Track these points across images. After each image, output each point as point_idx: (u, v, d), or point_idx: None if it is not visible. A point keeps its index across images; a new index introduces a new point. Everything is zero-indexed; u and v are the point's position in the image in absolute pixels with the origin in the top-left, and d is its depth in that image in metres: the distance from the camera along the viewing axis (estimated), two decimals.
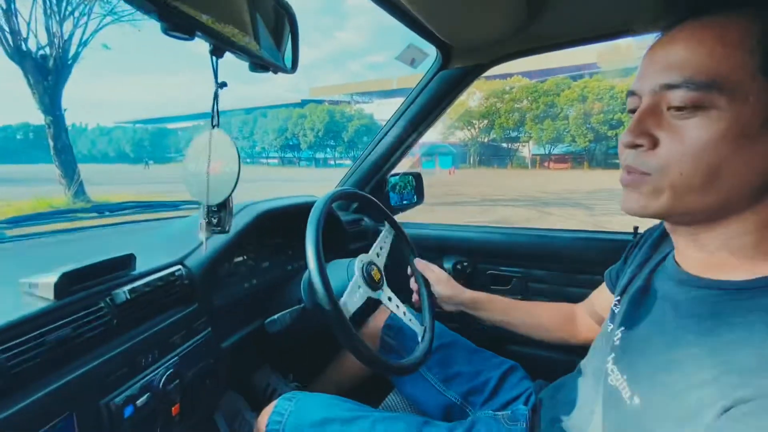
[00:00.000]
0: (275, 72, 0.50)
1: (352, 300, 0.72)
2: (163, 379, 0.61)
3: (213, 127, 0.47)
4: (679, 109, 0.39)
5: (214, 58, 0.41)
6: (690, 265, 0.46)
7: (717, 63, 0.37)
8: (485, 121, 32.55)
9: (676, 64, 0.40)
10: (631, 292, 0.53)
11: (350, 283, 0.73)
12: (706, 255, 0.44)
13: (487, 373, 0.85)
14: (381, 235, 0.87)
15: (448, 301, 0.84)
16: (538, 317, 0.82)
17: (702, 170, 0.39)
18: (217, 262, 0.76)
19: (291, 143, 42.80)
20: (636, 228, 0.96)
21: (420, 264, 0.87)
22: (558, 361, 0.80)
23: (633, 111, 0.45)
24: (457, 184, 16.77)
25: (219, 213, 0.49)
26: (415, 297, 0.88)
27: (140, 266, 0.65)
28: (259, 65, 0.46)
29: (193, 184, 0.49)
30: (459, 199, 11.42)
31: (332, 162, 41.95)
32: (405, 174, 1.30)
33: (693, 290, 0.43)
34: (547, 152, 31.55)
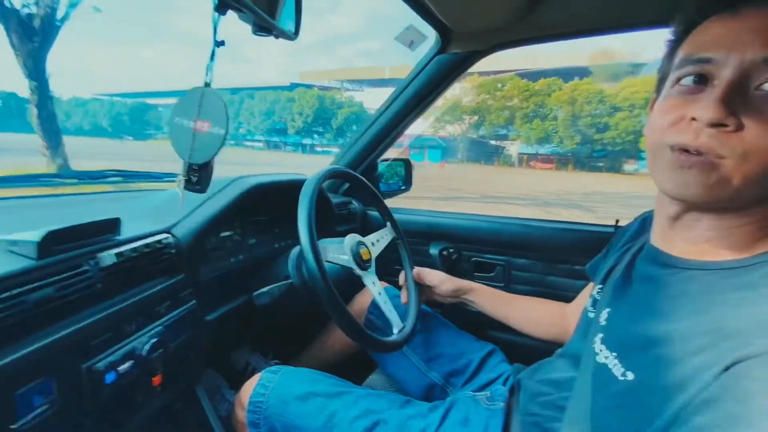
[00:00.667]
0: (277, 37, 0.49)
1: (332, 254, 0.74)
2: (146, 347, 0.60)
3: (206, 85, 0.46)
4: None
5: (216, 14, 0.40)
6: (675, 249, 0.46)
7: None
8: (476, 117, 32.72)
9: None
10: (615, 277, 0.55)
11: (338, 246, 0.76)
12: (696, 242, 0.44)
13: (469, 356, 0.87)
14: (382, 230, 0.90)
15: (452, 295, 0.89)
16: (531, 313, 0.86)
17: None
18: (205, 234, 0.75)
19: (278, 127, 42.07)
20: (617, 221, 0.99)
21: (415, 273, 0.91)
22: (536, 347, 0.83)
23: (698, 81, 0.40)
24: (452, 179, 16.98)
25: (199, 172, 0.48)
26: (403, 299, 0.90)
27: (126, 233, 0.63)
28: (262, 27, 0.45)
29: (178, 138, 0.47)
30: (460, 194, 11.59)
31: (319, 149, 41.47)
32: (394, 160, 1.31)
33: (680, 271, 0.44)
34: (534, 152, 32.03)
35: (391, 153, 1.27)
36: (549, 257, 1.07)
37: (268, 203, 0.99)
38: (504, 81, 30.36)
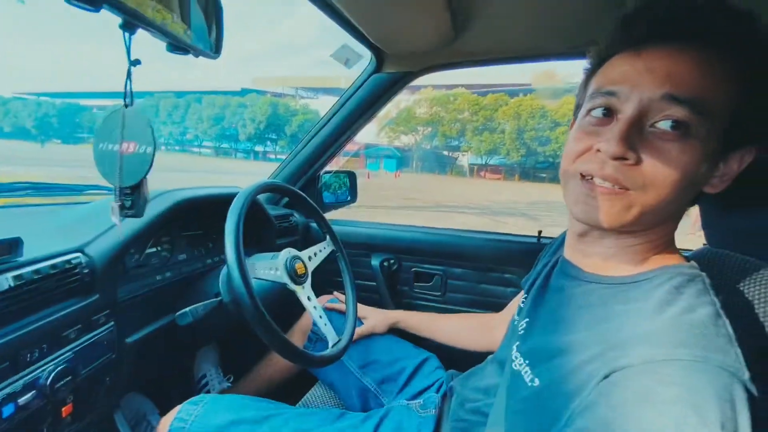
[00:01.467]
0: (196, 55, 0.48)
1: (263, 271, 0.72)
2: (51, 377, 0.56)
3: (125, 106, 0.45)
4: (670, 127, 0.39)
5: (126, 33, 0.39)
6: (581, 263, 0.51)
7: (714, 93, 0.38)
8: (429, 129, 33.76)
9: (683, 80, 0.38)
10: (535, 288, 0.59)
11: (270, 261, 0.74)
12: (598, 258, 0.48)
13: (404, 363, 0.90)
14: (321, 243, 0.90)
15: (386, 329, 0.97)
16: (456, 330, 0.93)
17: (673, 196, 0.40)
18: (125, 251, 0.71)
19: (228, 133, 40.47)
20: (540, 232, 1.08)
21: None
22: (471, 353, 0.87)
23: (606, 113, 0.43)
24: (407, 188, 17.48)
25: (132, 196, 0.47)
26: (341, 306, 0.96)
27: (31, 252, 0.59)
28: (177, 47, 0.44)
29: (105, 165, 0.46)
30: (415, 204, 11.91)
31: (272, 156, 40.39)
32: (338, 172, 1.32)
33: (584, 284, 0.48)
34: (483, 163, 33.62)
35: (341, 163, 1.28)
36: (481, 266, 1.14)
37: (201, 217, 0.96)
38: (456, 95, 31.72)
